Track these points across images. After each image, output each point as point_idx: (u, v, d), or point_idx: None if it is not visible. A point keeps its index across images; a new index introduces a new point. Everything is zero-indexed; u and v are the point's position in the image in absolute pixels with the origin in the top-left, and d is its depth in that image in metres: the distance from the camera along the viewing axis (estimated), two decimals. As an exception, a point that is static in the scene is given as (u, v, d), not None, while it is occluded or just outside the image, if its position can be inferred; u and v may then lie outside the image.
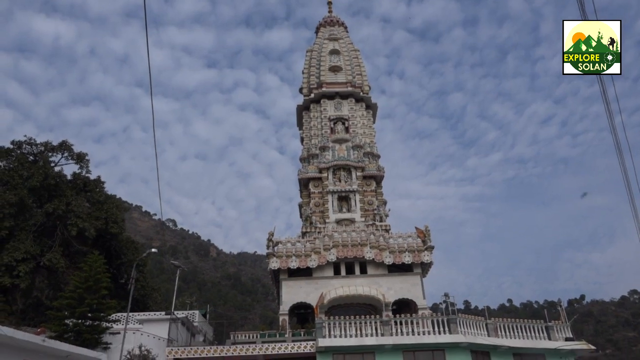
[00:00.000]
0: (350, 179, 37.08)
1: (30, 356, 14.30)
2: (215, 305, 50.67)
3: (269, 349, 24.69)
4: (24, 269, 27.39)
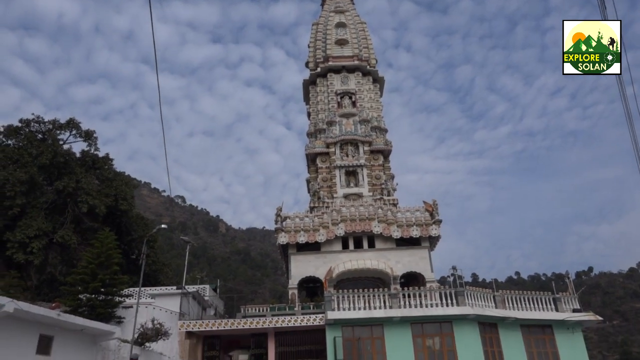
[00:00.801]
0: (358, 153, 37.01)
1: (46, 330, 14.64)
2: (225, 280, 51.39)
3: (279, 321, 25.08)
4: (37, 245, 27.81)
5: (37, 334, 14.31)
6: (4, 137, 33.56)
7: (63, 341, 15.31)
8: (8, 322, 12.97)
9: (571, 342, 24.60)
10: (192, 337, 25.05)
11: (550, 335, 24.70)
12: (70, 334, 15.72)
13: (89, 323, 16.49)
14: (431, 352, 23.33)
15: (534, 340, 24.56)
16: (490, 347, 23.61)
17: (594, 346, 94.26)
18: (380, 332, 23.58)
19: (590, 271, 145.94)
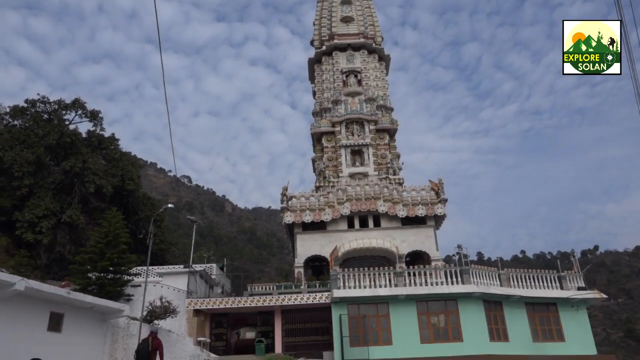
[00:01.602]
0: (363, 132, 36.85)
1: (56, 308, 14.88)
2: (232, 259, 51.85)
3: (285, 299, 25.36)
4: (45, 225, 28.11)
5: (47, 312, 14.56)
6: (11, 117, 33.68)
7: (73, 318, 15.57)
8: (19, 300, 13.19)
9: (575, 319, 24.78)
10: (200, 315, 25.41)
11: (555, 313, 24.88)
12: (80, 312, 15.98)
13: (98, 301, 16.74)
14: (436, 329, 23.58)
15: (539, 317, 24.75)
16: (495, 325, 23.83)
17: (598, 323, 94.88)
18: (386, 309, 23.82)
19: (595, 250, 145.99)
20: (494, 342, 23.16)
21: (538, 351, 23.37)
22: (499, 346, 23.14)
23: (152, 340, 12.98)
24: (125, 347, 17.59)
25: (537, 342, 24.04)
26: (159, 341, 13.20)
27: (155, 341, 13.01)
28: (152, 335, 13.19)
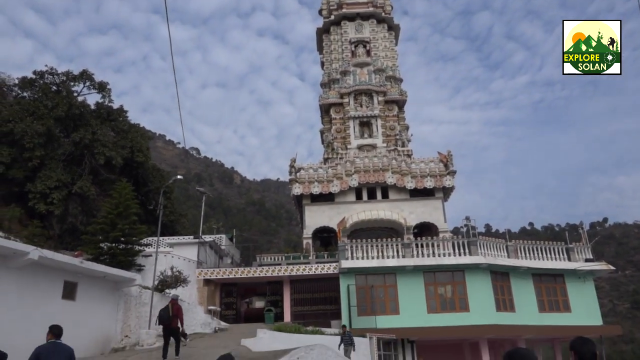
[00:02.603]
0: (372, 103, 36.55)
1: (70, 277, 15.19)
2: (241, 230, 52.33)
3: (294, 270, 25.69)
4: (57, 196, 28.44)
5: (62, 280, 14.87)
6: (20, 89, 33.75)
7: (87, 287, 15.91)
8: (34, 269, 13.48)
9: (582, 290, 24.93)
10: (210, 285, 25.85)
11: (562, 284, 25.03)
12: (93, 281, 16.31)
13: (110, 270, 17.05)
14: (443, 299, 23.85)
15: (545, 288, 24.92)
16: (502, 295, 24.04)
17: (605, 295, 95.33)
18: (393, 280, 24.08)
19: (604, 222, 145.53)
20: (500, 312, 23.41)
21: (544, 321, 23.63)
22: (505, 316, 23.40)
23: (173, 306, 13.64)
24: (137, 315, 17.99)
25: (543, 312, 24.27)
26: (179, 307, 13.88)
27: (175, 307, 13.67)
28: (172, 302, 13.86)
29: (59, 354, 7.09)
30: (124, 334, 17.59)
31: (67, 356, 7.15)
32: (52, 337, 7.33)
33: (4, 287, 12.52)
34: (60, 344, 7.30)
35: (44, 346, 7.20)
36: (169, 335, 13.50)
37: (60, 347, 7.21)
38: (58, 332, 7.41)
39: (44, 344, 7.29)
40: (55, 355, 7.06)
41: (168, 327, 13.44)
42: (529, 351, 3.65)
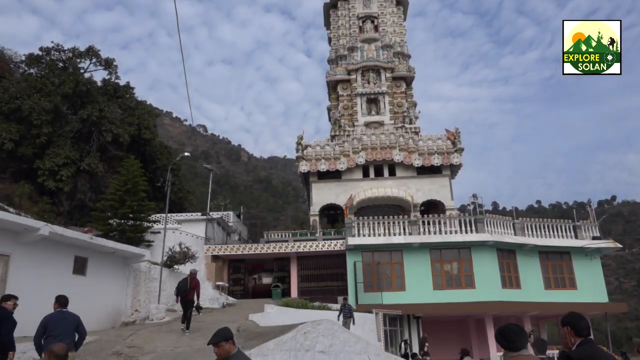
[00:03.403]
0: (380, 80, 36.22)
1: (80, 252, 15.41)
2: (248, 207, 52.61)
3: (301, 246, 25.88)
4: (65, 173, 28.63)
5: (72, 256, 15.09)
6: (26, 66, 33.70)
7: (97, 263, 16.14)
8: (45, 245, 13.68)
9: (588, 268, 24.98)
10: (218, 261, 26.14)
11: (568, 262, 25.09)
12: (103, 256, 16.54)
13: (119, 246, 17.26)
14: (449, 276, 24.01)
15: (552, 266, 24.99)
16: (508, 273, 24.15)
17: (612, 273, 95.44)
18: (400, 257, 24.23)
19: (613, 200, 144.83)
20: (506, 289, 23.56)
21: (549, 298, 23.76)
22: (511, 293, 23.55)
23: (191, 280, 14.36)
24: (147, 290, 18.27)
25: (549, 289, 24.39)
26: (197, 281, 14.67)
27: (193, 281, 14.41)
28: (191, 276, 14.55)
29: (65, 322, 7.47)
30: (134, 308, 17.90)
31: (73, 323, 7.55)
32: (58, 307, 7.69)
33: (17, 262, 12.73)
34: (66, 312, 7.67)
35: (51, 315, 7.57)
36: (186, 306, 14.22)
37: (67, 315, 7.57)
38: (64, 302, 7.76)
39: (51, 313, 7.65)
40: (61, 323, 7.43)
41: (185, 299, 14.14)
42: (519, 327, 3.68)
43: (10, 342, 7.48)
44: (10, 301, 7.68)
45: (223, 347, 4.37)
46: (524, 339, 3.59)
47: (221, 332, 4.44)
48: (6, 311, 7.56)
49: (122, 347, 12.37)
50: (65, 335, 7.32)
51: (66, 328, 7.45)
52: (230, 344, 4.39)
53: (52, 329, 7.36)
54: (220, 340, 4.37)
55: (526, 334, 3.66)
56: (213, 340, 4.41)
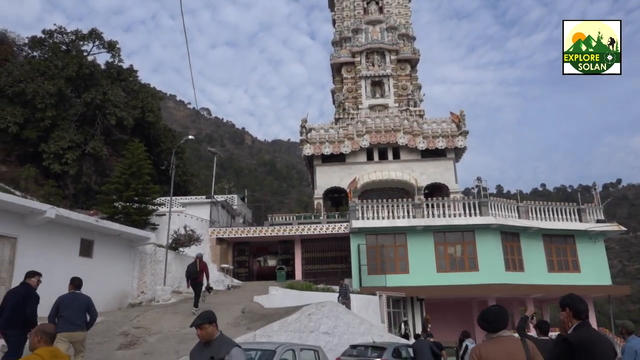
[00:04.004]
0: (384, 62, 35.94)
1: (86, 235, 15.52)
2: (252, 191, 52.64)
3: (305, 229, 25.99)
4: (70, 156, 28.72)
5: (78, 238, 15.20)
6: (29, 48, 33.63)
7: (103, 245, 16.26)
8: (52, 227, 13.78)
9: (592, 251, 25.02)
10: (223, 243, 26.31)
11: (572, 245, 25.12)
12: (109, 239, 16.66)
13: (125, 229, 17.36)
14: (452, 259, 24.11)
15: (555, 249, 25.04)
16: (511, 256, 24.23)
17: (615, 256, 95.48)
18: (403, 240, 24.31)
19: (618, 183, 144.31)
20: (509, 272, 23.65)
21: (553, 281, 23.84)
22: (514, 276, 23.65)
23: (199, 263, 15.02)
24: (153, 272, 18.42)
25: (552, 272, 24.46)
26: (204, 263, 15.31)
27: (201, 263, 15.07)
28: (198, 259, 15.23)
29: (77, 302, 7.85)
30: (140, 290, 18.07)
31: (84, 304, 7.91)
32: (72, 288, 8.10)
33: (24, 244, 12.86)
34: (79, 293, 8.04)
35: (64, 296, 7.95)
36: (196, 287, 14.82)
37: (78, 296, 7.95)
38: (78, 283, 8.15)
39: (65, 294, 8.03)
40: (73, 304, 7.81)
41: (194, 281, 14.79)
42: (500, 308, 3.70)
43: (33, 317, 7.70)
44: (34, 278, 7.93)
45: (206, 330, 4.38)
46: (502, 320, 3.62)
47: (205, 315, 4.45)
48: (30, 287, 7.80)
49: (129, 328, 12.55)
50: (76, 316, 7.70)
51: (77, 309, 7.77)
52: (213, 326, 4.41)
53: (64, 309, 7.69)
54: (204, 322, 4.37)
55: (506, 315, 3.68)
56: (196, 322, 4.41)
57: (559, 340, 3.76)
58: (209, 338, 4.38)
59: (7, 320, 7.45)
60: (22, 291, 7.68)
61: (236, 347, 4.37)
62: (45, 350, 3.75)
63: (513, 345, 3.51)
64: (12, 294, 7.77)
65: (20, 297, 7.59)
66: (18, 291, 7.75)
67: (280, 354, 7.43)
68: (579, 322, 3.73)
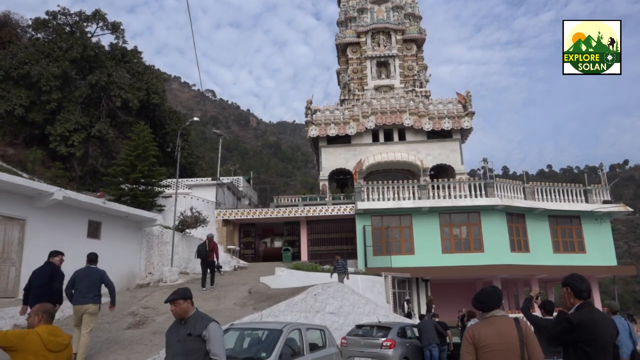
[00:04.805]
0: (390, 43, 35.57)
1: (93, 217, 15.64)
2: (257, 172, 52.80)
3: (311, 211, 26.09)
4: (77, 138, 28.80)
5: (86, 220, 15.32)
6: (33, 30, 33.50)
7: (110, 226, 16.39)
8: (59, 209, 13.89)
9: (598, 232, 25.01)
10: (229, 225, 26.48)
11: (578, 226, 25.11)
12: (116, 220, 16.78)
13: (132, 210, 17.47)
14: (458, 240, 24.17)
15: (561, 230, 25.04)
16: (517, 237, 24.26)
17: (621, 237, 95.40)
18: (409, 221, 24.37)
19: (625, 164, 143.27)
20: (515, 253, 23.71)
21: (558, 262, 23.90)
22: (520, 256, 23.71)
23: (209, 243, 15.53)
24: (160, 253, 18.58)
25: (557, 253, 24.51)
26: (214, 244, 15.86)
27: (211, 243, 15.60)
28: (209, 239, 15.77)
29: (91, 276, 8.40)
30: (148, 271, 18.26)
31: (97, 277, 8.45)
32: (88, 263, 8.68)
33: (33, 226, 12.99)
34: (93, 268, 8.60)
35: (79, 270, 8.52)
36: (207, 267, 15.38)
37: (93, 270, 8.52)
38: (92, 258, 8.76)
39: (80, 269, 8.58)
40: (87, 277, 8.36)
41: (205, 261, 15.33)
42: (493, 288, 3.73)
43: (60, 293, 8.25)
44: (57, 257, 8.46)
45: (180, 306, 4.31)
46: (495, 300, 3.65)
47: (180, 291, 4.39)
48: (55, 266, 8.32)
49: (138, 308, 12.73)
50: (89, 289, 8.23)
51: (90, 282, 8.30)
52: (188, 303, 4.34)
53: (78, 283, 8.25)
54: (178, 298, 4.31)
55: (500, 295, 3.71)
56: (170, 297, 4.34)
57: (560, 318, 3.79)
58: (184, 315, 4.33)
59: (35, 297, 7.79)
60: (49, 270, 8.20)
61: (213, 322, 4.31)
62: (44, 329, 3.84)
63: (506, 325, 3.54)
64: (38, 273, 8.22)
65: (47, 275, 8.10)
66: (44, 270, 8.23)
67: (287, 333, 7.52)
68: (582, 302, 3.76)
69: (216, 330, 4.28)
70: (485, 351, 3.48)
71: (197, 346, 4.24)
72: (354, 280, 19.35)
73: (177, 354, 4.31)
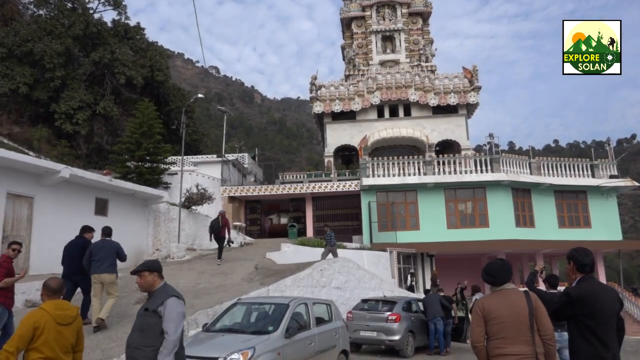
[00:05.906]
0: (395, 16, 35.06)
1: (100, 194, 15.77)
2: (262, 149, 52.71)
3: (316, 187, 26.16)
4: (81, 116, 28.78)
5: (93, 197, 15.46)
6: (35, 7, 33.16)
7: (117, 204, 16.54)
8: (67, 187, 14.00)
9: (604, 206, 24.97)
10: (235, 202, 26.61)
11: (584, 201, 25.07)
12: (123, 198, 16.91)
13: (138, 188, 17.59)
14: (463, 215, 24.21)
15: (567, 205, 25.02)
16: (522, 212, 24.27)
17: (627, 211, 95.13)
18: (414, 197, 24.39)
19: (633, 138, 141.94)
20: (520, 228, 23.76)
21: (563, 237, 23.94)
22: (525, 231, 23.76)
23: (222, 219, 16.08)
24: (167, 230, 18.77)
25: (563, 227, 24.54)
26: (226, 220, 16.48)
27: (223, 219, 16.17)
28: (221, 215, 16.33)
29: (106, 248, 8.86)
30: (155, 247, 18.47)
31: (112, 249, 8.91)
32: (103, 236, 9.15)
33: (41, 204, 13.11)
34: (108, 240, 9.08)
35: (96, 242, 9.00)
36: (218, 241, 16.06)
37: (108, 243, 9.01)
38: (107, 231, 9.23)
39: (96, 241, 9.05)
40: (103, 250, 8.80)
41: (217, 235, 16.00)
42: (503, 262, 3.75)
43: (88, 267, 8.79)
44: (89, 233, 9.30)
45: (145, 278, 4.09)
46: (505, 273, 3.68)
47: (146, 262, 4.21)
48: (87, 240, 9.12)
49: (146, 284, 12.89)
50: (104, 260, 8.71)
51: (106, 253, 8.77)
52: (154, 276, 4.11)
53: (95, 254, 8.68)
54: (144, 269, 4.10)
55: (510, 269, 3.75)
56: (136, 269, 4.14)
57: (562, 293, 3.84)
58: (150, 288, 4.12)
59: (71, 268, 8.76)
60: (80, 243, 8.98)
61: (173, 297, 4.01)
62: (49, 304, 3.92)
63: (516, 298, 3.59)
64: (71, 246, 9.01)
65: (79, 248, 8.85)
66: (76, 243, 9.05)
67: (294, 307, 7.63)
68: (583, 275, 3.78)
69: (173, 306, 3.96)
70: (494, 323, 3.53)
71: (152, 322, 3.98)
72: (359, 255, 19.49)
73: (136, 329, 4.11)
